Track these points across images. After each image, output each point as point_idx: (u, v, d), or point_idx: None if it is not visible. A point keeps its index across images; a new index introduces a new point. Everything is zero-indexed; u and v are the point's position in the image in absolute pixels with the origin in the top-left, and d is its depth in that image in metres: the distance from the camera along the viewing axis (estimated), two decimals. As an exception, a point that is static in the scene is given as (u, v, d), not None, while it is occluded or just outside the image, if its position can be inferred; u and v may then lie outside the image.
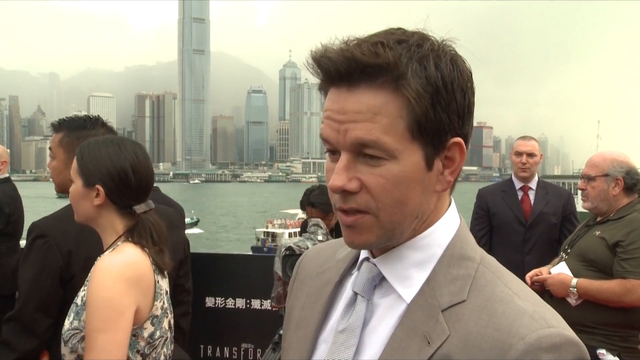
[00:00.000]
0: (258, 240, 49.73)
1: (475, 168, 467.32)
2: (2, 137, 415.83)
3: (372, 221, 0.81)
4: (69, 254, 2.09)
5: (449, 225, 0.87)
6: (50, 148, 2.44)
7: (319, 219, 3.49)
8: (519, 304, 0.77)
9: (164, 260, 1.76)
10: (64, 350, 1.67)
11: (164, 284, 1.76)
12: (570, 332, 0.75)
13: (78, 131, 2.36)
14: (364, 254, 0.91)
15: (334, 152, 0.82)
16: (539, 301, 0.81)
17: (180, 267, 2.57)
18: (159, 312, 1.70)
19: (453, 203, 0.90)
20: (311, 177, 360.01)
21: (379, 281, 0.87)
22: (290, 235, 43.33)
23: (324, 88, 0.82)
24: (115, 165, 1.74)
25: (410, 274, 0.84)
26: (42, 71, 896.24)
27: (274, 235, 47.41)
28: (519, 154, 4.25)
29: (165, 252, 1.77)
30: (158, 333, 1.70)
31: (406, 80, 0.76)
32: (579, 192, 3.11)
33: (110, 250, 1.73)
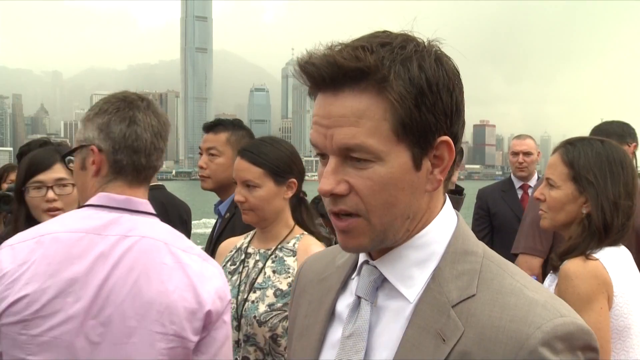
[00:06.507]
0: None
1: (478, 166, 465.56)
2: (5, 136, 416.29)
3: (364, 224, 0.82)
4: None
5: (446, 223, 0.87)
6: (209, 148, 2.69)
7: (322, 222, 3.60)
8: (530, 295, 0.78)
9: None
10: (260, 330, 1.83)
11: None
12: (581, 321, 0.78)
13: (238, 130, 2.72)
14: (362, 257, 0.90)
15: (324, 156, 0.83)
16: (547, 292, 0.82)
17: None
18: None
19: (448, 201, 0.90)
20: (314, 176, 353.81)
21: (380, 283, 0.86)
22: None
23: (312, 93, 0.84)
24: (293, 158, 1.97)
25: (411, 273, 0.84)
26: (45, 69, 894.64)
27: None
28: (515, 153, 4.27)
29: None
30: None
31: (389, 82, 0.77)
32: None
33: (294, 243, 1.94)
